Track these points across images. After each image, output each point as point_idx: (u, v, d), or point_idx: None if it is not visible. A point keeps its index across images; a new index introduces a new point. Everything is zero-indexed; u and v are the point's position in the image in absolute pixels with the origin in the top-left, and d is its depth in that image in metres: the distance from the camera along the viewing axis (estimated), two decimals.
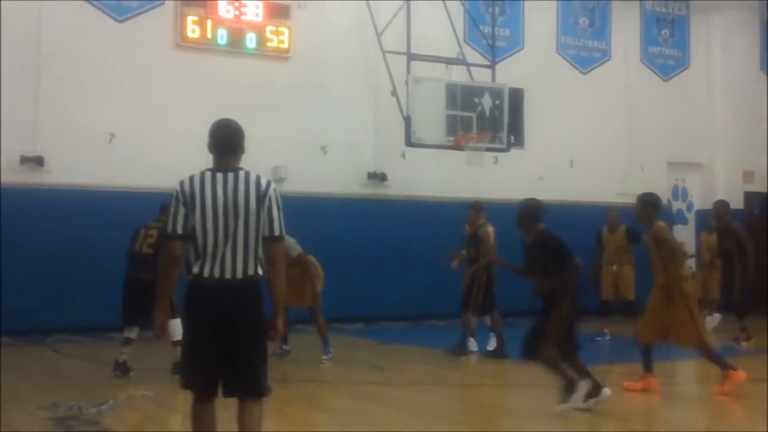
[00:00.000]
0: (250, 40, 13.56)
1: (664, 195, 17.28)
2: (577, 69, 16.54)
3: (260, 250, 4.09)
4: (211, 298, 4.07)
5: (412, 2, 13.27)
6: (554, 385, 8.11)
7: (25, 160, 12.01)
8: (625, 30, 16.97)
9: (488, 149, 13.32)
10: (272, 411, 7.28)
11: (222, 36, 13.34)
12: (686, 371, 10.11)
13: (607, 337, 11.59)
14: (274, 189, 4.17)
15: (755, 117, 17.42)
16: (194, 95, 12.73)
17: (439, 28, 13.98)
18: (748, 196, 16.92)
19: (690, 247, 15.91)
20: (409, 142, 12.78)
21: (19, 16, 11.90)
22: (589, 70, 16.66)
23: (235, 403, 4.24)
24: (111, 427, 6.02)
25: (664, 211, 16.53)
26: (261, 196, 4.10)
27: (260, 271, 4.11)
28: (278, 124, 13.50)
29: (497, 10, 14.85)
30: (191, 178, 4.13)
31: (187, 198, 4.07)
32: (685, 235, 17.20)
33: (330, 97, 14.00)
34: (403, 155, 14.15)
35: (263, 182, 4.16)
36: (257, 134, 13.04)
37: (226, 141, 4.22)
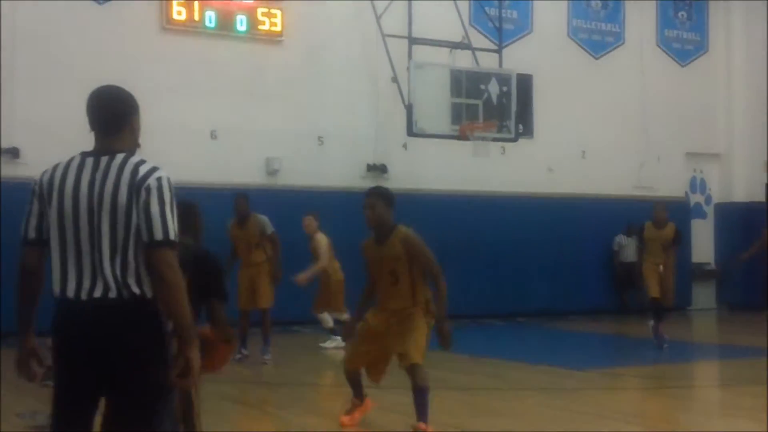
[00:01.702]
0: (241, 23, 13.51)
1: (682, 187, 17.29)
2: (590, 54, 16.50)
3: (134, 264, 3.21)
4: (74, 326, 3.23)
5: None
6: (558, 389, 8.14)
7: None
8: (640, 12, 16.92)
9: (495, 139, 13.30)
10: (266, 416, 7.30)
11: (210, 18, 13.29)
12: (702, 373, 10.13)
13: (666, 344, 10.72)
14: (158, 178, 3.21)
15: None
16: (181, 81, 12.68)
17: (442, 10, 13.94)
18: None
19: (709, 243, 15.96)
20: (411, 132, 12.75)
21: None
22: (602, 55, 16.61)
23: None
24: None
25: (681, 204, 16.66)
26: (134, 188, 3.18)
27: (139, 289, 3.21)
28: (271, 112, 13.46)
29: None
30: (56, 166, 3.31)
31: (44, 190, 3.27)
32: (703, 230, 17.23)
33: (326, 83, 13.96)
34: (404, 146, 14.12)
35: (143, 169, 3.22)
36: (249, 123, 13.22)
37: (105, 114, 3.35)
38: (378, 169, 14.40)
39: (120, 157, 3.25)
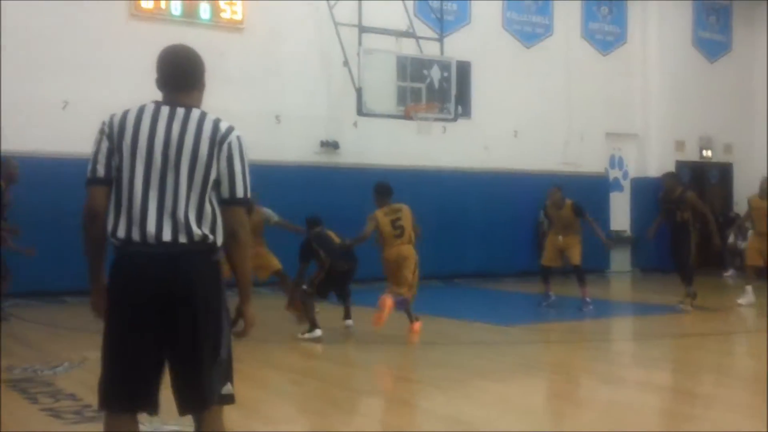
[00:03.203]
0: (204, 11, 13.23)
1: (603, 163, 17.50)
2: (522, 43, 16.51)
3: (208, 212, 2.94)
4: (142, 272, 2.87)
5: None
6: (491, 342, 8.20)
7: None
8: (567, 7, 16.97)
9: (437, 119, 13.27)
10: None
11: (176, 6, 12.99)
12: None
13: (552, 298, 11.14)
14: (239, 137, 3.00)
15: (687, 90, 17.68)
16: (148, 65, 12.26)
17: (389, 1, 13.80)
18: (679, 165, 17.20)
19: (626, 213, 16.16)
20: (361, 112, 12.66)
21: None
22: (533, 45, 16.64)
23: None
24: (65, 388, 5.87)
25: (601, 178, 16.86)
26: (217, 142, 2.95)
27: (211, 236, 2.95)
28: (233, 93, 13.19)
29: None
30: (127, 110, 3.06)
31: (114, 130, 2.99)
32: (621, 201, 17.50)
33: (283, 67, 13.76)
34: (355, 124, 14.02)
35: (223, 126, 2.99)
36: (212, 104, 12.85)
37: (182, 71, 3.08)
38: (330, 146, 14.29)
39: (197, 111, 3.02)
